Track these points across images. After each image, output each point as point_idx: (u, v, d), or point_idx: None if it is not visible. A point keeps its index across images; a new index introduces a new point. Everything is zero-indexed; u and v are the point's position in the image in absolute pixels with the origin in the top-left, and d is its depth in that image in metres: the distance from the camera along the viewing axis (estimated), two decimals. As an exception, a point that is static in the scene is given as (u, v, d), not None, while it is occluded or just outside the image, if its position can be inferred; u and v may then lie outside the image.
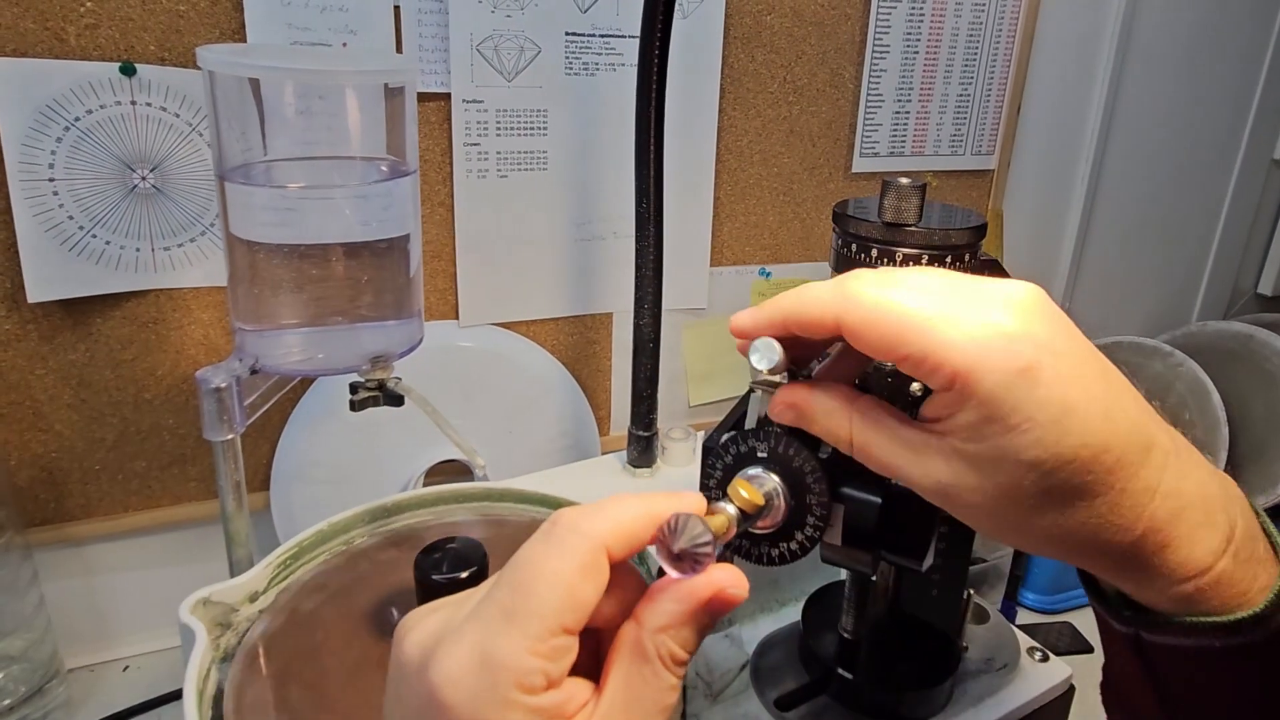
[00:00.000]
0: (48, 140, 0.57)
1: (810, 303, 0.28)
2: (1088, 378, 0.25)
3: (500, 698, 0.22)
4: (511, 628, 0.23)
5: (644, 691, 0.24)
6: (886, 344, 0.26)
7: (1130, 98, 1.00)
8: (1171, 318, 1.16)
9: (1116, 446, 0.25)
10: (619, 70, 0.74)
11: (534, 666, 0.22)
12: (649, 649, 0.24)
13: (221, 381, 0.43)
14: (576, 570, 0.23)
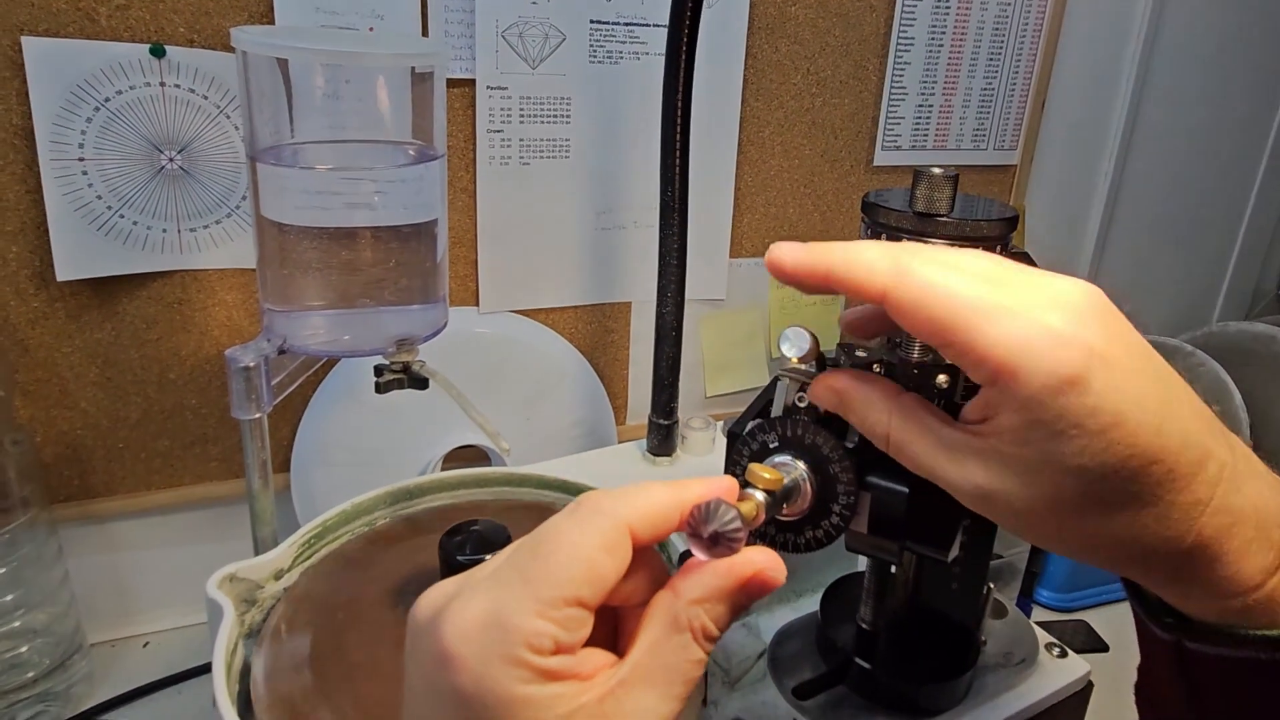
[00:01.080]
0: (78, 120, 0.57)
1: (860, 266, 0.27)
2: (1142, 387, 0.24)
3: (508, 654, 0.22)
4: (526, 590, 0.23)
5: (671, 660, 0.24)
6: (933, 329, 0.25)
7: (1156, 95, 0.99)
8: (1192, 318, 1.16)
9: (1168, 459, 0.24)
10: (643, 59, 0.74)
11: (544, 630, 0.22)
12: (683, 619, 0.24)
13: (250, 361, 0.44)
14: (598, 546, 0.23)
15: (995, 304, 0.25)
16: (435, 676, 0.23)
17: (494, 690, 0.22)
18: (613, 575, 0.24)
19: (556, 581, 0.23)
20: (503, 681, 0.22)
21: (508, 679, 0.22)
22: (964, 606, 0.49)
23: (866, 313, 0.31)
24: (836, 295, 0.29)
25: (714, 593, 0.24)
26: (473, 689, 0.22)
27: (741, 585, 0.25)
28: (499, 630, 0.22)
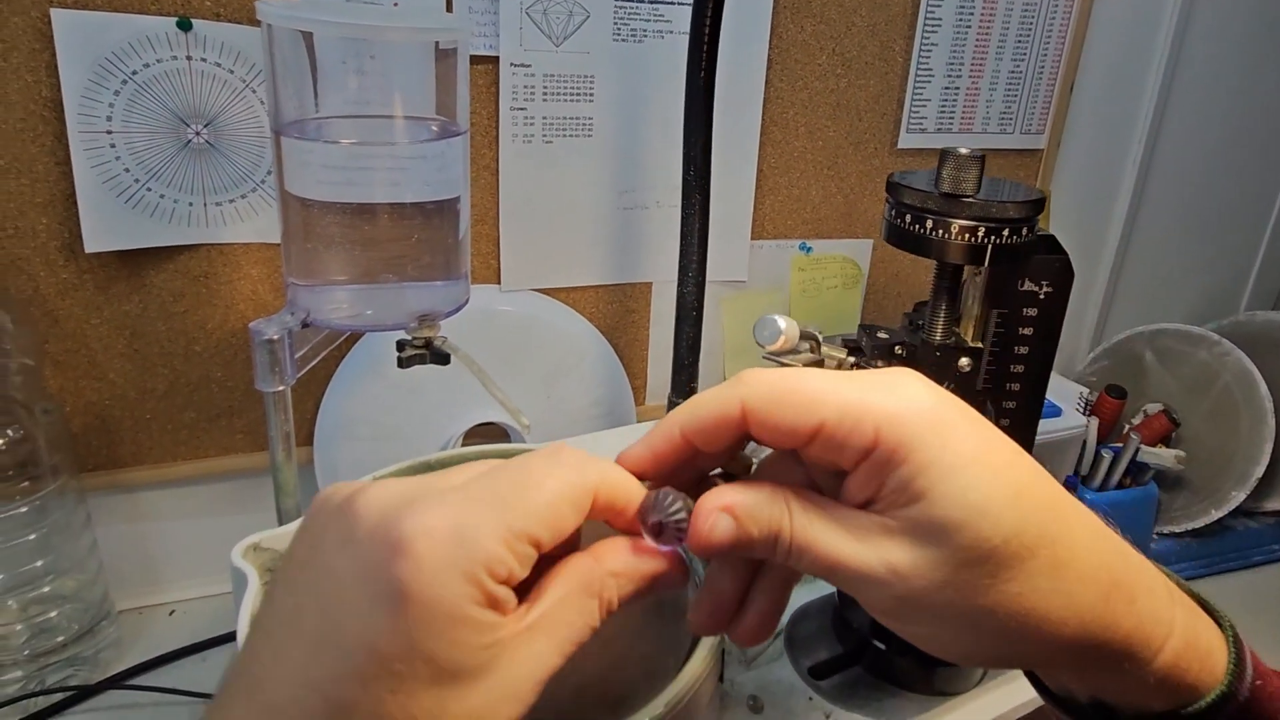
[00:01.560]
0: (106, 93, 0.58)
1: (707, 402, 0.26)
2: (995, 431, 0.25)
3: (468, 570, 0.22)
4: (500, 516, 0.23)
5: (574, 618, 0.25)
6: (801, 414, 0.24)
7: (1187, 80, 0.97)
8: (1219, 307, 1.14)
9: (1049, 488, 0.24)
10: (666, 38, 0.73)
11: (506, 558, 0.23)
12: (596, 585, 0.25)
13: (274, 333, 0.44)
14: (568, 499, 0.24)
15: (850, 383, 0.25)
16: (378, 564, 0.22)
17: (442, 598, 0.22)
18: (569, 529, 0.24)
19: (528, 517, 0.23)
20: (454, 592, 0.22)
21: (459, 593, 0.22)
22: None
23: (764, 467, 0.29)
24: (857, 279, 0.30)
25: (632, 571, 0.25)
26: (419, 589, 0.22)
27: (659, 574, 0.25)
28: (466, 544, 0.22)
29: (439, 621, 0.22)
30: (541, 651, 0.24)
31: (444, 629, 0.22)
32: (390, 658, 0.22)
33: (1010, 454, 0.24)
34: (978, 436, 0.24)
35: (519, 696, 0.23)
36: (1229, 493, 0.85)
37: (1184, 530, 0.86)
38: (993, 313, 0.42)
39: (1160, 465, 0.84)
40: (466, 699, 0.22)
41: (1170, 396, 0.95)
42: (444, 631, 0.22)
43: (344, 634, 0.22)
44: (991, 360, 0.43)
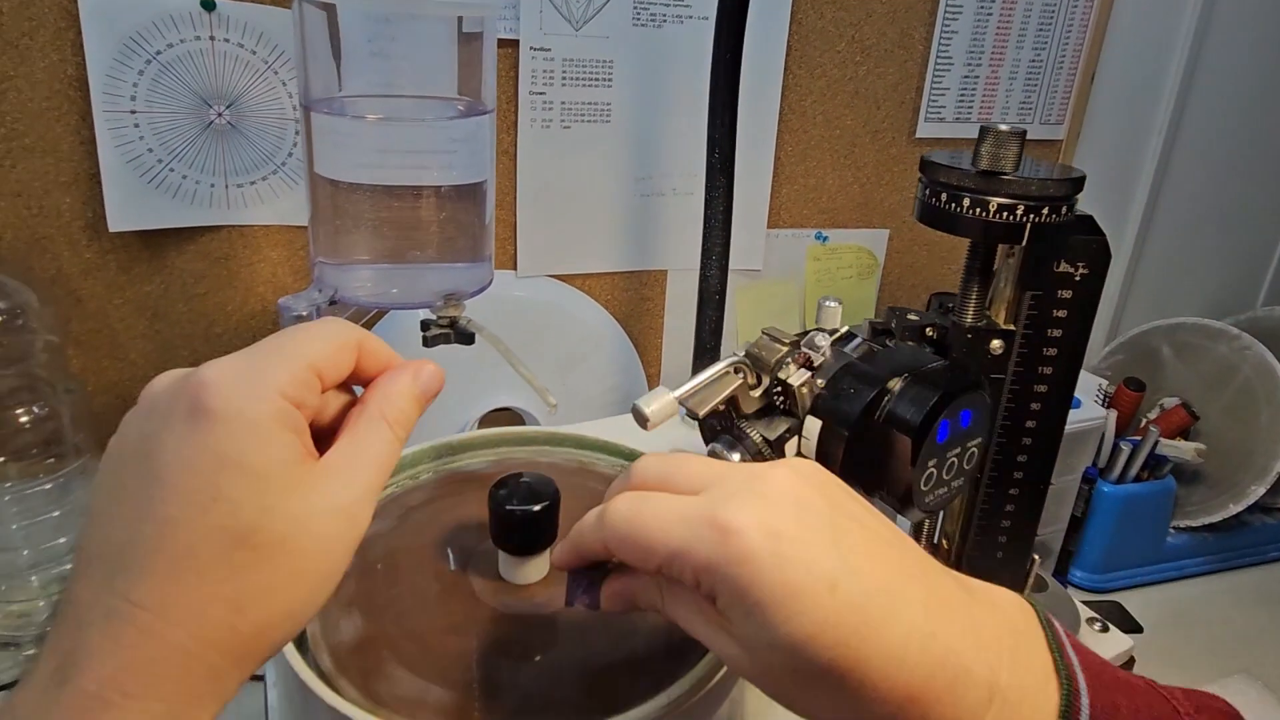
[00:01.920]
0: (130, 72, 0.58)
1: (584, 534, 0.31)
2: (824, 558, 0.26)
3: (258, 389, 0.26)
4: (278, 354, 0.27)
5: (369, 441, 0.28)
6: (641, 557, 0.28)
7: (1208, 72, 0.97)
8: (1237, 300, 1.13)
9: (853, 616, 0.25)
10: (686, 23, 0.73)
11: (292, 381, 0.27)
12: (375, 409, 0.29)
13: (303, 310, 0.44)
14: (336, 342, 0.29)
15: (679, 519, 0.27)
16: (182, 413, 0.25)
17: (240, 410, 0.25)
18: (344, 366, 0.29)
19: (301, 353, 0.27)
20: (249, 408, 0.25)
21: (254, 409, 0.25)
22: (1008, 578, 0.48)
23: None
24: (873, 269, 0.32)
25: (405, 387, 0.30)
26: (218, 406, 0.25)
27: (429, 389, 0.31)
28: (254, 371, 0.26)
29: (241, 432, 0.25)
30: (347, 480, 0.27)
31: (246, 437, 0.25)
32: (213, 481, 0.24)
33: (820, 595, 0.25)
34: (788, 580, 0.25)
35: (344, 509, 0.27)
36: (1247, 487, 0.85)
37: (1200, 525, 0.86)
38: (1026, 295, 0.41)
39: (1180, 458, 0.83)
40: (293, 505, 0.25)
41: (1188, 391, 0.94)
42: (247, 439, 0.25)
43: (164, 479, 0.25)
44: (1024, 343, 0.42)
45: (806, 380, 0.37)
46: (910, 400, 0.36)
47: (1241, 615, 0.81)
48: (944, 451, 0.36)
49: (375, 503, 0.28)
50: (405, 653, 0.37)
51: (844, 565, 0.26)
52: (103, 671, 0.23)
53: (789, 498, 0.27)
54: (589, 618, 0.39)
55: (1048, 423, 0.44)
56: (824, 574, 0.25)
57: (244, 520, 0.24)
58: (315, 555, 0.26)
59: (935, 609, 0.26)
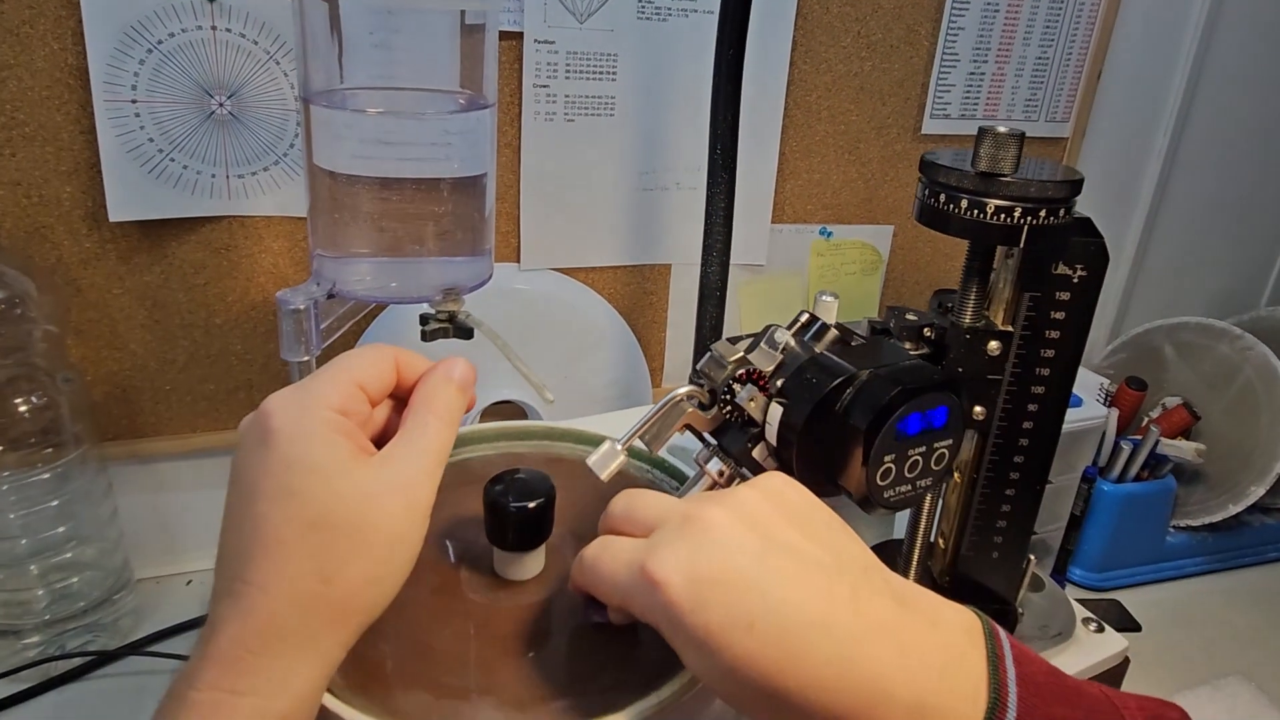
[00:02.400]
0: (131, 61, 0.58)
1: (573, 574, 0.35)
2: (734, 595, 0.28)
3: (308, 404, 0.32)
4: (323, 376, 0.33)
5: (418, 432, 0.33)
6: (605, 597, 0.33)
7: (1215, 72, 0.96)
8: (1240, 301, 1.13)
9: (769, 653, 0.27)
10: (690, 17, 0.73)
11: (339, 395, 0.32)
12: (420, 405, 0.34)
13: (301, 303, 0.44)
14: (373, 359, 0.35)
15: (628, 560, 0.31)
16: (257, 435, 0.31)
17: (300, 422, 0.31)
18: (386, 378, 0.35)
19: (343, 370, 0.33)
20: (305, 418, 0.31)
21: (308, 418, 0.31)
22: (1003, 578, 0.48)
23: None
24: (876, 265, 0.33)
25: (441, 381, 0.35)
26: (277, 426, 0.31)
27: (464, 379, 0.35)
28: (303, 392, 0.32)
29: (300, 439, 0.31)
30: (401, 468, 0.32)
31: (305, 443, 0.31)
32: (284, 480, 0.30)
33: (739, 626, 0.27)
34: (707, 618, 0.28)
35: (402, 488, 0.32)
36: (1247, 488, 0.85)
37: (1200, 524, 0.86)
38: (1024, 296, 0.41)
39: (1180, 458, 0.83)
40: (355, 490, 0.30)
41: (1189, 390, 0.94)
42: (305, 444, 0.31)
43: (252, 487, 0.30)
44: (1021, 345, 0.42)
45: (754, 395, 0.38)
46: (867, 394, 0.36)
47: (1239, 615, 0.81)
48: (905, 449, 0.36)
49: (435, 483, 0.33)
50: (395, 648, 0.37)
51: (763, 603, 0.28)
52: (231, 633, 0.29)
53: (717, 540, 0.29)
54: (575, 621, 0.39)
55: (1045, 424, 0.44)
56: (742, 614, 0.28)
57: (314, 508, 0.30)
58: (383, 528, 0.31)
59: (860, 634, 0.28)
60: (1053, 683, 0.29)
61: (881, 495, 0.37)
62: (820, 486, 0.38)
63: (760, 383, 0.38)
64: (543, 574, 0.42)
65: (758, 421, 0.38)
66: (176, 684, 0.29)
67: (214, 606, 0.30)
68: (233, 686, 0.28)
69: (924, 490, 0.38)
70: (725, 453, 0.39)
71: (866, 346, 0.40)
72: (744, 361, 0.38)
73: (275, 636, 0.29)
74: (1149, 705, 0.29)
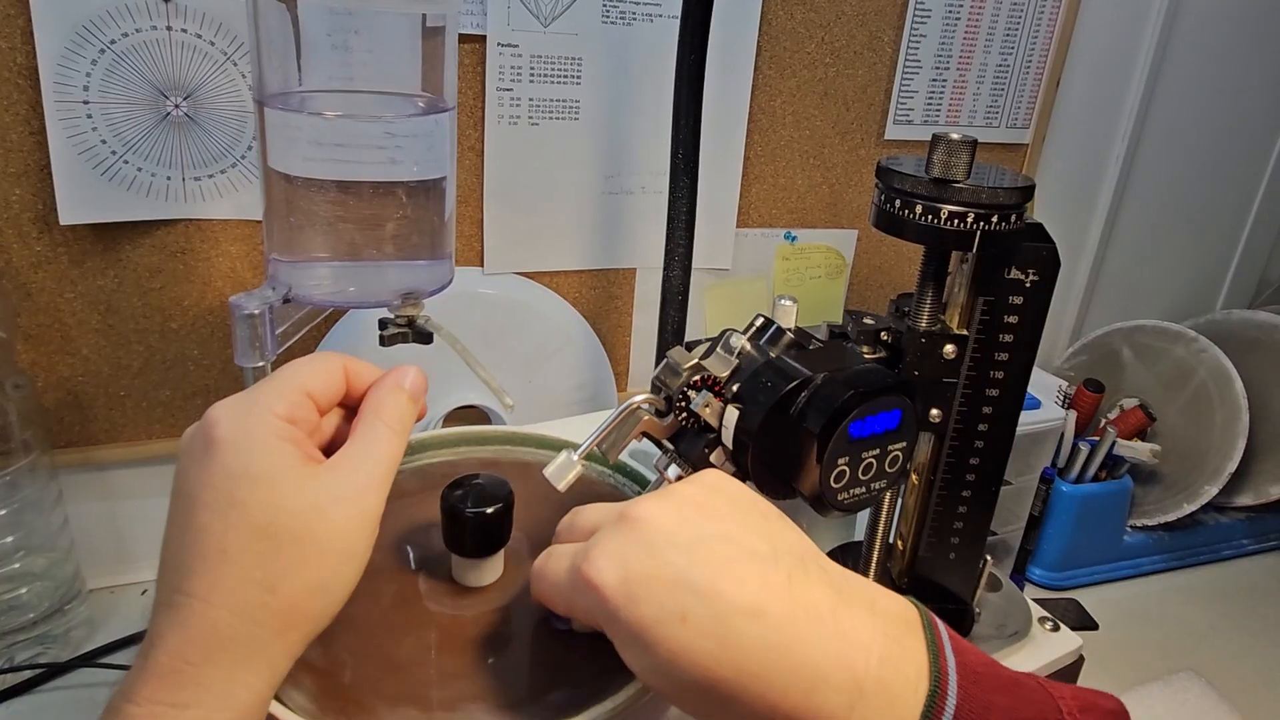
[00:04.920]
0: (83, 62, 0.57)
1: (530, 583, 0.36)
2: (665, 589, 0.28)
3: (253, 411, 0.31)
4: (269, 384, 0.33)
5: (366, 440, 0.33)
6: (558, 610, 0.34)
7: (1171, 80, 0.98)
8: (1196, 304, 1.15)
9: (702, 645, 0.27)
10: (655, 21, 0.73)
11: (285, 402, 0.32)
12: (369, 413, 0.34)
13: (255, 308, 0.43)
14: (321, 366, 0.34)
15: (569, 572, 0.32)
16: (200, 447, 0.31)
17: (239, 433, 0.30)
18: (334, 385, 0.34)
19: (290, 378, 0.33)
20: (249, 426, 0.31)
21: (253, 426, 0.31)
22: (960, 578, 0.49)
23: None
24: (841, 269, 0.33)
25: (392, 389, 0.35)
26: (222, 434, 0.30)
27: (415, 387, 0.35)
28: (248, 400, 0.32)
29: (244, 448, 0.30)
30: (350, 478, 0.32)
31: (249, 452, 0.30)
32: (227, 490, 0.29)
33: (672, 619, 0.28)
34: (640, 613, 0.28)
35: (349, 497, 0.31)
36: (1201, 487, 0.87)
37: (1156, 524, 0.87)
38: (979, 300, 0.42)
39: (1136, 459, 0.85)
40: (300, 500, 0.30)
41: (1147, 392, 0.96)
42: (250, 453, 0.30)
43: (193, 497, 0.30)
44: (976, 348, 0.43)
45: (709, 401, 0.38)
46: (820, 398, 0.36)
47: (1194, 613, 0.82)
48: (858, 451, 0.37)
49: (384, 491, 0.32)
50: (351, 657, 0.37)
51: (695, 594, 0.28)
52: (170, 645, 0.29)
53: (649, 536, 0.30)
54: (538, 624, 0.39)
55: (1000, 426, 0.44)
56: (675, 607, 0.28)
57: (258, 517, 0.29)
58: (329, 538, 0.30)
59: (795, 621, 0.28)
60: (991, 672, 0.29)
61: (835, 497, 0.37)
62: (776, 490, 0.38)
63: (715, 389, 0.38)
64: (502, 579, 0.42)
65: (714, 427, 0.38)
66: (115, 699, 0.29)
67: (154, 619, 0.30)
68: (173, 699, 0.28)
69: (878, 492, 0.38)
70: (683, 458, 0.40)
71: (823, 350, 0.40)
72: (699, 368, 0.38)
73: (217, 647, 0.29)
74: (1083, 695, 0.29)
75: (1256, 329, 0.97)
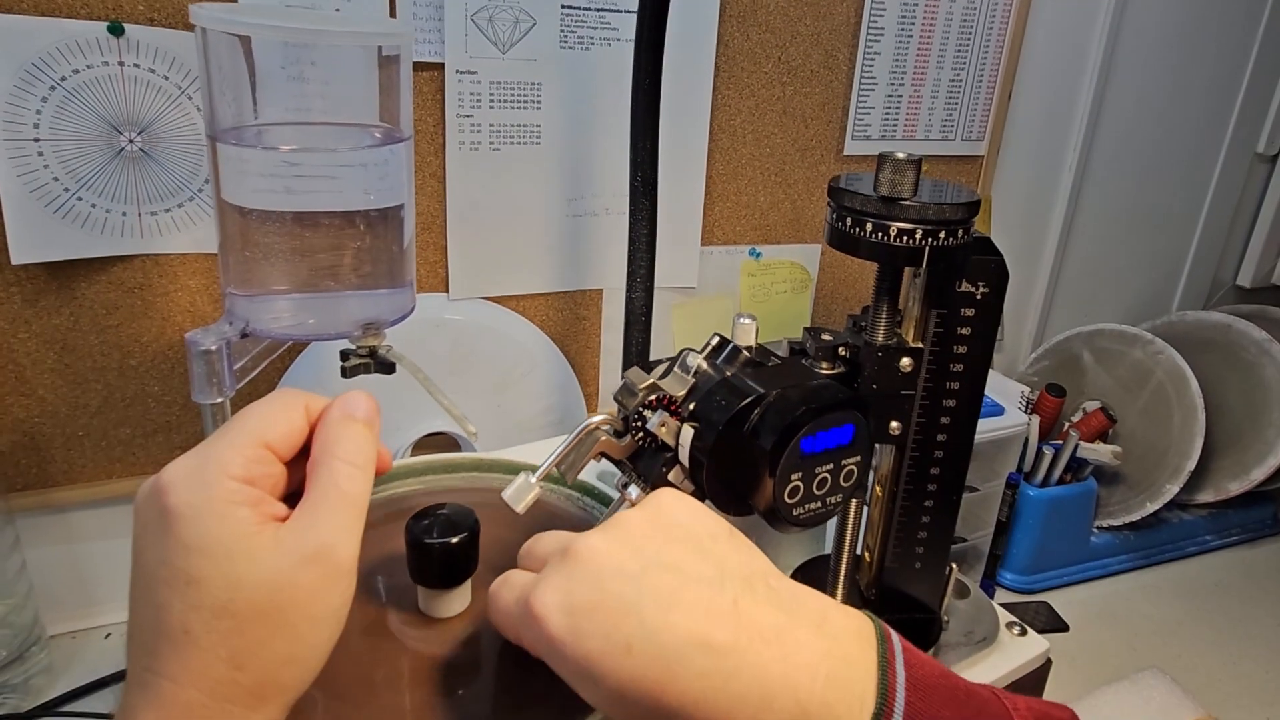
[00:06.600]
0: (33, 99, 0.56)
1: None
2: (611, 622, 0.28)
3: (206, 478, 0.29)
4: (223, 439, 0.30)
5: (324, 486, 0.30)
6: (509, 638, 0.33)
7: (1119, 88, 1.01)
8: (1153, 307, 1.18)
9: (649, 675, 0.28)
10: (614, 45, 0.74)
11: (239, 461, 0.29)
12: (322, 455, 0.31)
13: (211, 344, 0.43)
14: (280, 409, 0.32)
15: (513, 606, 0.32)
16: (154, 516, 0.28)
17: (197, 499, 0.28)
18: (296, 430, 0.32)
19: (246, 431, 0.30)
20: (202, 493, 0.28)
21: (206, 493, 0.28)
22: (927, 587, 0.50)
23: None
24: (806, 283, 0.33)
25: (338, 422, 0.32)
26: (175, 504, 0.28)
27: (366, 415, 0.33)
28: (202, 463, 0.29)
29: (196, 520, 0.28)
30: (314, 526, 0.29)
31: (202, 523, 0.28)
32: (184, 567, 0.28)
33: (617, 651, 0.28)
34: (586, 647, 0.28)
35: (313, 557, 0.29)
36: (1163, 486, 0.89)
37: (1121, 524, 0.89)
38: (932, 314, 0.43)
39: (1098, 461, 0.86)
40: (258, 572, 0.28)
41: (1107, 394, 0.98)
42: (203, 524, 0.28)
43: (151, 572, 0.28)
44: (932, 360, 0.43)
45: (665, 420, 0.38)
46: (772, 414, 0.37)
47: (1160, 610, 0.84)
48: (811, 467, 0.37)
49: (355, 538, 0.30)
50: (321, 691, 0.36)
51: (640, 625, 0.28)
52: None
53: (593, 569, 0.30)
54: (504, 656, 0.38)
55: (958, 435, 0.45)
56: (620, 639, 0.28)
57: (218, 595, 0.28)
58: (296, 607, 0.29)
59: (740, 647, 0.28)
60: (944, 685, 0.29)
61: (791, 512, 0.37)
62: (733, 507, 0.38)
63: (672, 408, 0.38)
64: (470, 609, 0.41)
65: (671, 446, 0.38)
66: None
67: (127, 693, 0.29)
68: None
69: (834, 507, 0.39)
70: (641, 478, 0.40)
71: (780, 367, 0.40)
72: (655, 388, 0.39)
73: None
74: (1038, 706, 0.30)
75: (1211, 329, 1.00)
